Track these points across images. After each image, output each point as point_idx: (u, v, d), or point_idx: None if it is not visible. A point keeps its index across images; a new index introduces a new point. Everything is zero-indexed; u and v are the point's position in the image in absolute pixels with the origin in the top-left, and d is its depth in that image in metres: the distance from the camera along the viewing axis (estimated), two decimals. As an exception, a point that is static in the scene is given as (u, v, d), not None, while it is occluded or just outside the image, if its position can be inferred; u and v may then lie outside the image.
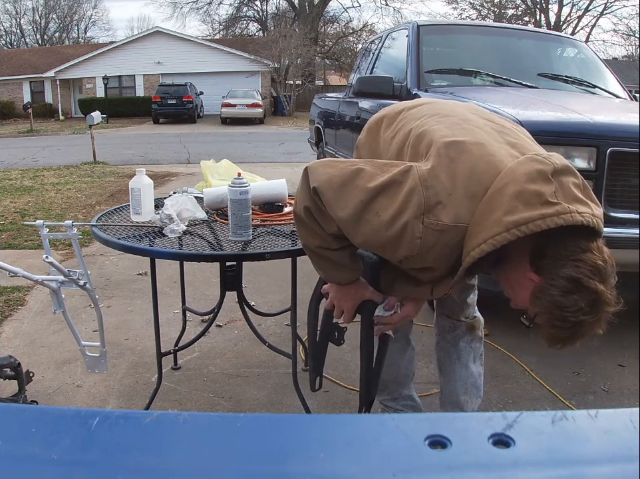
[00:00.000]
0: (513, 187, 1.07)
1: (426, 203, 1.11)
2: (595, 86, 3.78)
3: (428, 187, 1.12)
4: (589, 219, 1.05)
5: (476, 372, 1.79)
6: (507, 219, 1.05)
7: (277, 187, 2.06)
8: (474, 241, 1.10)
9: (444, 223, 1.11)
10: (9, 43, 40.08)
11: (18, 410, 0.51)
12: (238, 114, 21.48)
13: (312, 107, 6.65)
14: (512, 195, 1.07)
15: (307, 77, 26.14)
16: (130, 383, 2.34)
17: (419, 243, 1.13)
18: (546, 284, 1.08)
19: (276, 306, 3.02)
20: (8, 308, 3.08)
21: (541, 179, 1.07)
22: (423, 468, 0.39)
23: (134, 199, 1.96)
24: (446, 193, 1.11)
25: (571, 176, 1.10)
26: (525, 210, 1.05)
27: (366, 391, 1.53)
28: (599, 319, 1.09)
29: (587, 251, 1.06)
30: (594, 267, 1.06)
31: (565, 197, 1.06)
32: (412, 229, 1.12)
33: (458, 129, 1.23)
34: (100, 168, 8.94)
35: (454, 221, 1.11)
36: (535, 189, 1.05)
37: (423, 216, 1.11)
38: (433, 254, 1.15)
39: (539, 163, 1.09)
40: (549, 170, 1.07)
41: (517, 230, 1.04)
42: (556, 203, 1.04)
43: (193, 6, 34.08)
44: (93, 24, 44.43)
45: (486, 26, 5.41)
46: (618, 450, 0.40)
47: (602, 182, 2.38)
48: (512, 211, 1.05)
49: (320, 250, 1.31)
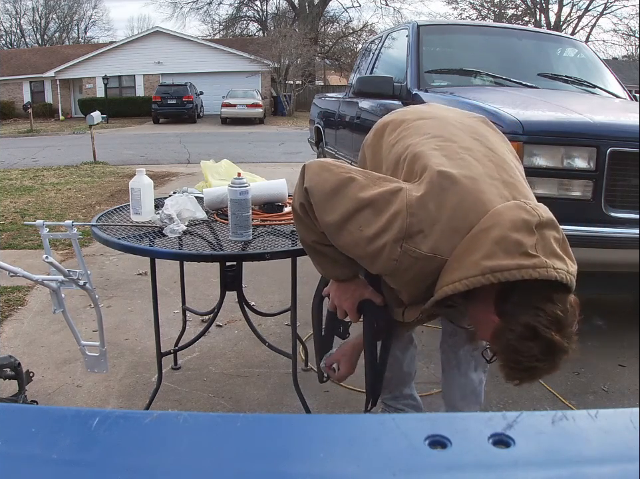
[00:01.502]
0: (496, 231, 1.09)
1: (408, 230, 1.14)
2: (595, 86, 3.78)
3: (413, 214, 1.14)
4: (563, 276, 1.07)
5: (477, 379, 1.76)
6: (485, 263, 1.07)
7: (277, 187, 2.06)
8: (449, 277, 1.12)
9: (421, 251, 1.14)
10: (9, 43, 40.11)
11: (18, 410, 0.51)
12: (238, 114, 21.48)
13: (312, 107, 6.65)
14: (494, 239, 1.08)
15: (307, 77, 26.13)
16: (130, 383, 2.34)
17: (394, 264, 1.17)
18: (505, 327, 1.10)
19: (276, 306, 3.02)
20: (8, 308, 3.08)
21: (525, 229, 1.08)
22: (423, 468, 0.39)
23: (134, 199, 1.96)
24: (429, 222, 1.14)
25: (553, 230, 1.12)
26: (504, 258, 1.06)
27: (372, 388, 1.57)
28: (554, 365, 1.11)
29: (549, 302, 1.08)
30: (553, 317, 1.07)
31: (544, 251, 1.07)
32: (390, 251, 1.15)
33: (456, 159, 1.23)
34: (100, 168, 8.94)
35: (432, 251, 1.14)
36: (517, 239, 1.07)
37: (402, 241, 1.14)
38: (406, 277, 1.20)
39: (526, 213, 1.10)
40: (535, 222, 1.09)
41: (492, 276, 1.06)
42: (534, 256, 1.06)
43: (193, 6, 34.11)
44: (93, 24, 44.54)
45: (486, 26, 5.41)
46: (618, 450, 0.40)
47: (602, 182, 2.38)
48: (491, 256, 1.07)
49: (316, 245, 1.35)
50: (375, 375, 1.55)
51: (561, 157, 2.39)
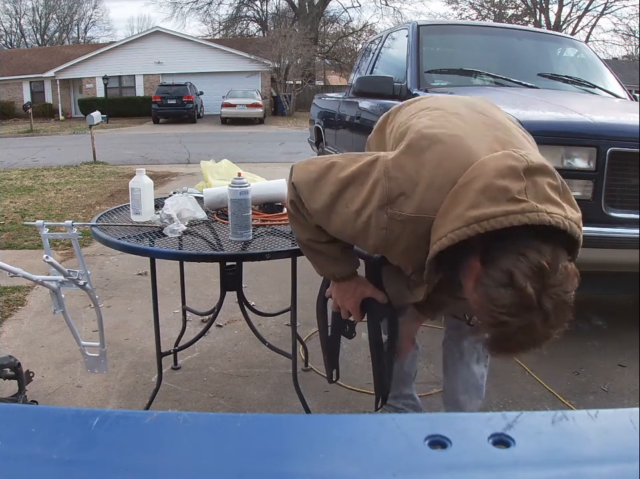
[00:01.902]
0: (481, 181, 1.03)
1: (389, 195, 1.12)
2: (595, 86, 3.78)
3: (391, 178, 1.13)
4: (559, 220, 0.98)
5: (479, 373, 1.77)
6: (469, 214, 1.01)
7: (277, 187, 2.06)
8: (437, 235, 1.07)
9: (406, 214, 1.11)
10: (9, 43, 40.09)
11: (18, 410, 0.51)
12: (238, 114, 21.49)
13: (312, 107, 6.65)
14: (478, 189, 1.02)
15: (307, 77, 26.13)
16: (130, 383, 2.34)
17: (385, 234, 1.14)
18: (485, 273, 1.03)
19: (276, 306, 3.01)
20: (8, 308, 3.07)
21: (512, 175, 1.01)
22: (423, 468, 0.39)
23: (134, 199, 1.96)
24: (410, 184, 1.11)
25: (547, 177, 1.04)
26: (490, 206, 0.99)
27: (381, 385, 1.57)
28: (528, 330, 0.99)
29: (536, 251, 0.98)
30: (535, 266, 0.96)
31: (535, 197, 0.99)
32: (377, 220, 1.14)
33: (441, 121, 1.20)
34: (100, 168, 8.94)
35: (417, 212, 1.10)
36: (503, 185, 1.00)
37: (387, 207, 1.12)
38: (402, 245, 1.16)
39: (513, 160, 1.04)
40: (522, 167, 1.02)
41: (477, 225, 0.99)
42: (523, 201, 0.98)
43: (193, 6, 34.10)
44: (93, 24, 44.52)
45: (486, 26, 5.41)
46: (618, 450, 0.40)
47: (602, 182, 2.38)
48: (476, 206, 1.01)
49: (312, 243, 1.35)
50: (383, 374, 1.55)
51: (561, 157, 2.39)
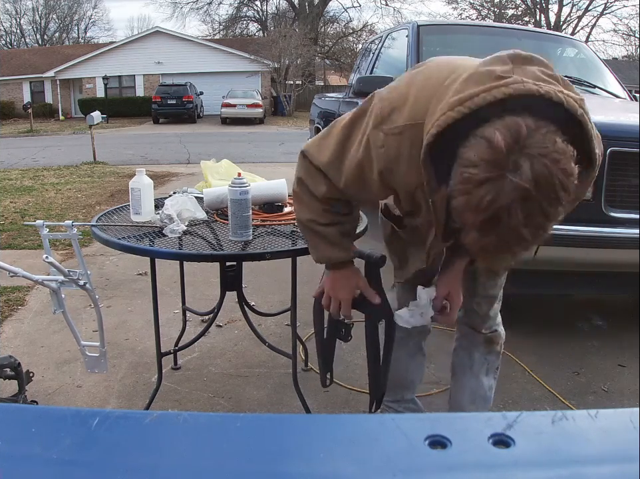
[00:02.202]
0: (466, 73, 1.01)
1: (382, 114, 1.14)
2: (595, 86, 3.78)
3: (383, 99, 1.16)
4: (549, 90, 0.91)
5: (487, 384, 1.73)
6: (453, 98, 0.97)
7: (277, 187, 2.06)
8: (426, 129, 1.03)
9: (400, 125, 1.11)
10: (9, 43, 40.08)
11: (18, 410, 0.52)
12: (238, 114, 21.48)
13: (312, 107, 6.65)
14: (463, 79, 1.00)
15: (307, 77, 26.13)
16: (130, 383, 2.34)
17: (383, 152, 1.14)
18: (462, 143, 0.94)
19: (276, 306, 3.01)
20: (8, 308, 3.08)
21: (498, 62, 0.98)
22: (423, 468, 0.39)
23: (134, 199, 1.96)
24: (402, 100, 1.13)
25: (540, 66, 0.99)
26: (474, 88, 0.95)
27: (376, 387, 1.56)
28: (494, 204, 0.85)
29: (520, 117, 0.87)
30: (512, 127, 0.86)
31: (524, 76, 0.94)
32: (374, 140, 1.15)
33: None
34: (100, 168, 8.93)
35: (409, 119, 1.10)
36: (488, 69, 0.97)
37: (381, 125, 1.14)
38: (404, 163, 1.13)
39: (501, 52, 1.01)
40: (509, 55, 0.99)
41: (462, 107, 0.94)
42: (508, 77, 0.93)
43: (193, 6, 34.07)
44: (93, 24, 44.42)
45: (486, 26, 5.41)
46: (618, 450, 0.40)
47: (602, 182, 2.38)
48: (461, 91, 0.97)
49: (311, 224, 1.36)
50: (378, 376, 1.53)
51: (561, 157, 2.39)
